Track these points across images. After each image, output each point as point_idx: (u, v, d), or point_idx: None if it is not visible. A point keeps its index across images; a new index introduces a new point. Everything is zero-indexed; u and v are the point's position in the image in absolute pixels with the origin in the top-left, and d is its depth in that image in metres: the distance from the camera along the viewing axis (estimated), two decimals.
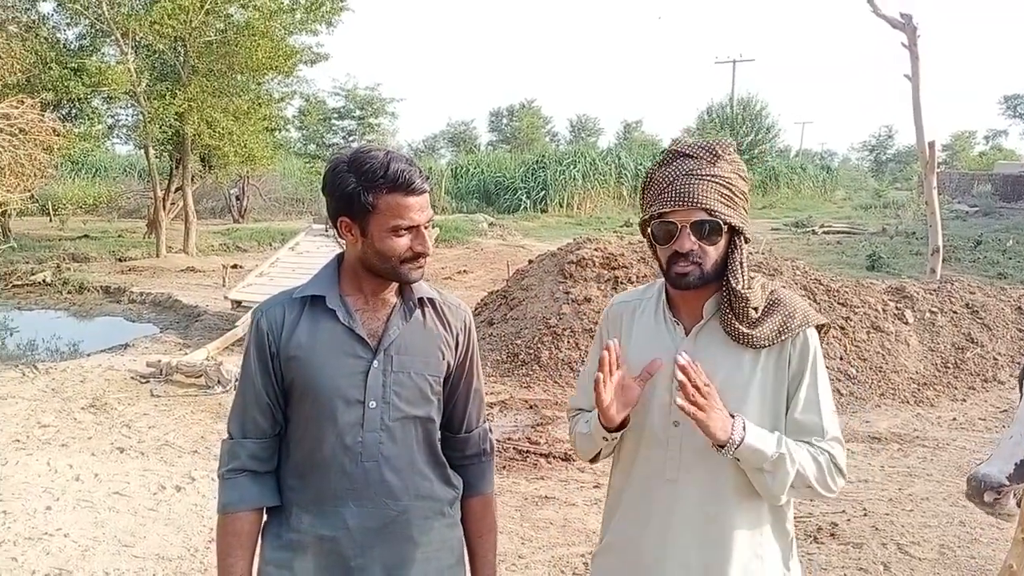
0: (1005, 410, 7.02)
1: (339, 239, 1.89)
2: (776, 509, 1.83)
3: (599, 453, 1.92)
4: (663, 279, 1.87)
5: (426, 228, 1.80)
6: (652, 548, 1.84)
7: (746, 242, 1.79)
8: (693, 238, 1.73)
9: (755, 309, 1.77)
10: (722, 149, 1.78)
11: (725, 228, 1.74)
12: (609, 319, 1.99)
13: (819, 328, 1.84)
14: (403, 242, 1.77)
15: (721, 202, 1.73)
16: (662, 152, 1.85)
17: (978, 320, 8.43)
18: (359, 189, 1.74)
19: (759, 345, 1.76)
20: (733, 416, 1.69)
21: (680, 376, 1.64)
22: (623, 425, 1.81)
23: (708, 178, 1.73)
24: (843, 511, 4.90)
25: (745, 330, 1.76)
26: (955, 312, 8.50)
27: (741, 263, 1.77)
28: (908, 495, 5.18)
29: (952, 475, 5.55)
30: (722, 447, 1.67)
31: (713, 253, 1.75)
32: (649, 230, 1.83)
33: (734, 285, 1.75)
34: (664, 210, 1.75)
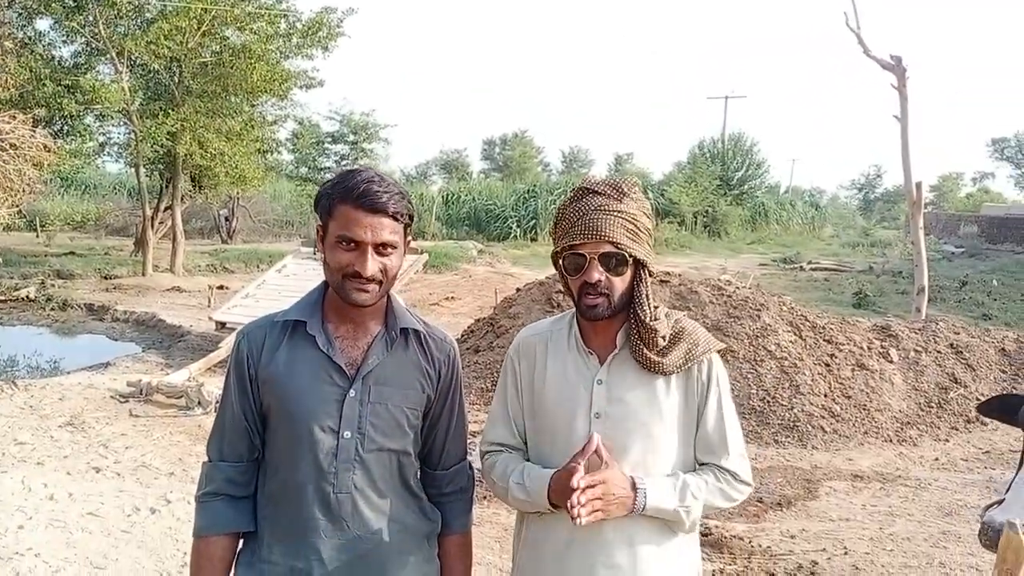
0: (987, 451, 7.03)
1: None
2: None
3: (526, 509, 1.98)
4: (572, 311, 1.98)
5: (383, 254, 1.75)
6: (577, 566, 1.89)
7: (650, 275, 1.90)
8: (601, 269, 1.82)
9: (663, 338, 1.87)
10: (628, 187, 1.88)
11: (630, 260, 1.84)
12: (521, 351, 2.04)
13: (721, 352, 1.96)
14: (345, 257, 1.74)
15: (627, 236, 1.83)
16: (572, 189, 1.94)
17: (962, 360, 8.47)
18: (323, 194, 1.78)
19: (668, 372, 1.87)
20: (635, 488, 1.80)
21: (575, 500, 1.70)
22: None
23: (615, 214, 1.83)
24: (824, 549, 4.88)
25: (655, 358, 1.86)
26: (939, 352, 8.54)
27: (647, 295, 1.88)
28: (889, 535, 5.16)
29: (933, 515, 5.53)
30: (627, 515, 1.80)
31: (620, 284, 1.84)
32: (560, 262, 1.91)
33: (642, 317, 1.86)
34: (574, 242, 1.84)
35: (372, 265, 1.73)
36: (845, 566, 4.68)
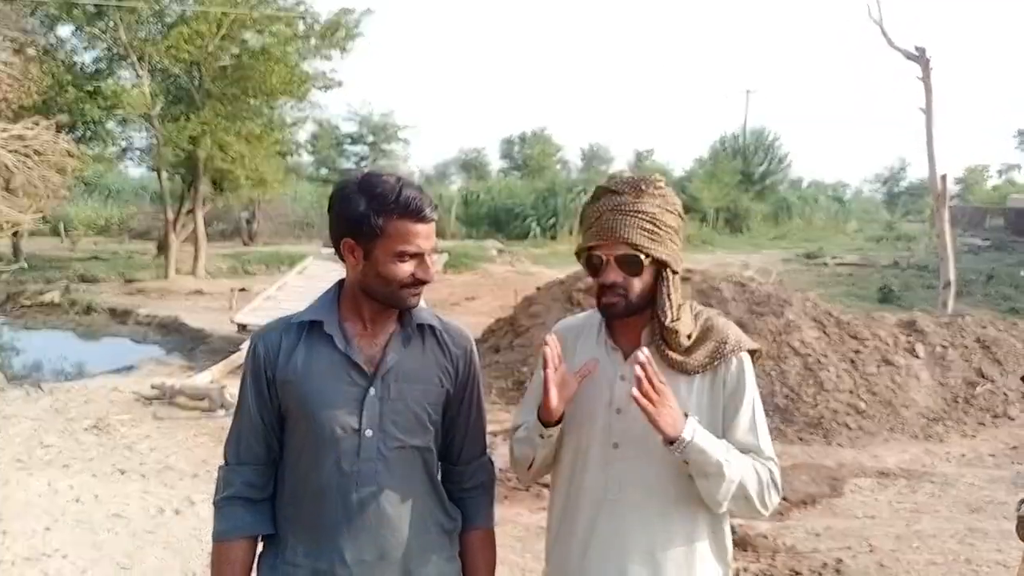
0: (1015, 447, 6.93)
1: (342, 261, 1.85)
2: (714, 524, 1.88)
3: (533, 462, 1.94)
4: None
5: (429, 256, 1.79)
6: (596, 567, 1.88)
7: (674, 274, 1.86)
8: (617, 270, 1.81)
9: (688, 337, 1.85)
10: (646, 185, 1.84)
11: (648, 261, 1.81)
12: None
13: (752, 353, 1.91)
14: (407, 268, 1.75)
15: (644, 236, 1.80)
16: (596, 188, 1.92)
17: (989, 355, 8.35)
18: (369, 212, 1.71)
19: (691, 371, 1.84)
20: (687, 416, 1.75)
21: (638, 371, 1.68)
22: (558, 422, 1.85)
23: (632, 213, 1.80)
24: (849, 547, 4.83)
25: (677, 357, 1.84)
26: (966, 347, 8.42)
27: (668, 295, 1.84)
28: (915, 532, 5.10)
29: (960, 512, 5.46)
30: (672, 443, 1.72)
31: (638, 285, 1.82)
32: (582, 262, 1.91)
33: (662, 319, 1.83)
34: (591, 243, 1.84)
35: (431, 269, 1.79)
36: (871, 564, 4.63)
